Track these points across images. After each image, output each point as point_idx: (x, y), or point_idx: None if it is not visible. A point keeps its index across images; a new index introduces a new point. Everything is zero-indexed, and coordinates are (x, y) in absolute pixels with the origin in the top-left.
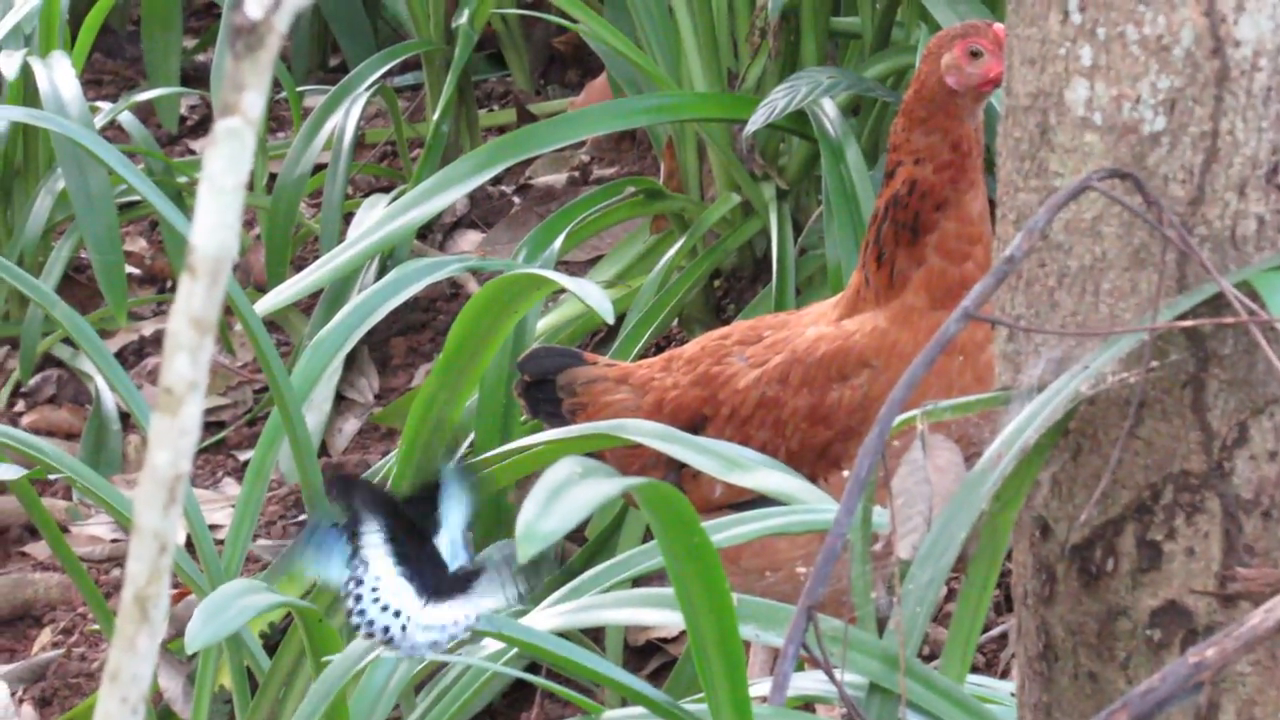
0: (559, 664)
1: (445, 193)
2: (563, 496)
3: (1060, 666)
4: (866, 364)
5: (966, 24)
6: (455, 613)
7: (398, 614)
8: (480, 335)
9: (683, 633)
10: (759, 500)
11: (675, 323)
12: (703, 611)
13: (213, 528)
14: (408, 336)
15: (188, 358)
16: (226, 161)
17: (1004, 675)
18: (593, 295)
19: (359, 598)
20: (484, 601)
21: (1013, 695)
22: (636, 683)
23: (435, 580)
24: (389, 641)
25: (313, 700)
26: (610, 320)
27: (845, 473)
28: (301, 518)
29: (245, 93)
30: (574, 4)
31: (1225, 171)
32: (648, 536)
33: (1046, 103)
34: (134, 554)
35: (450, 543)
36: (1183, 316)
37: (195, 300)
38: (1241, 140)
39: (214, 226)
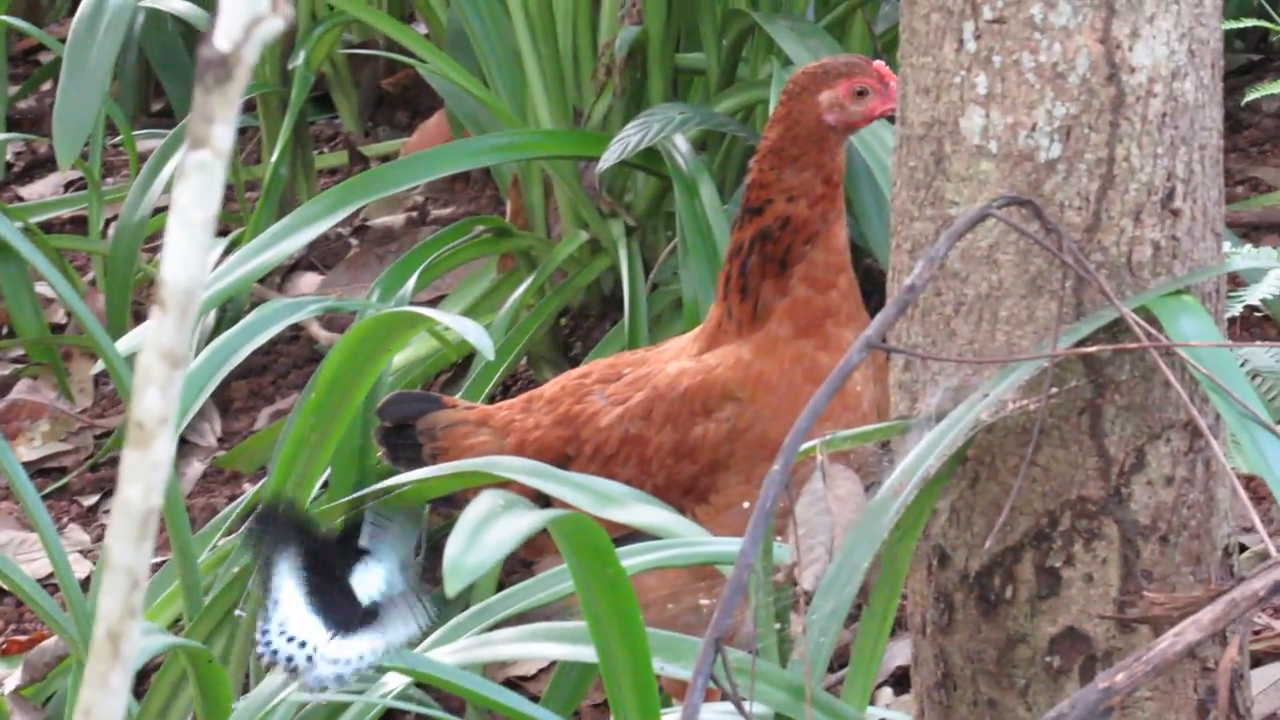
0: (470, 698)
1: (295, 235)
2: (487, 530)
3: (959, 695)
4: (731, 397)
5: (845, 61)
6: (364, 645)
7: (303, 645)
8: (352, 374)
9: (542, 670)
10: (625, 538)
11: (523, 362)
12: (616, 643)
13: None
14: (249, 380)
15: (158, 392)
16: (196, 195)
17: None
18: (472, 332)
19: (266, 630)
20: (394, 634)
21: None
22: (553, 718)
23: (344, 615)
24: (294, 671)
25: None
26: (491, 357)
27: (746, 505)
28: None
29: (214, 125)
30: (418, 42)
31: (1121, 198)
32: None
33: (942, 131)
34: (106, 589)
35: (387, 573)
36: (1081, 343)
37: (165, 334)
38: (1137, 166)
39: (184, 259)
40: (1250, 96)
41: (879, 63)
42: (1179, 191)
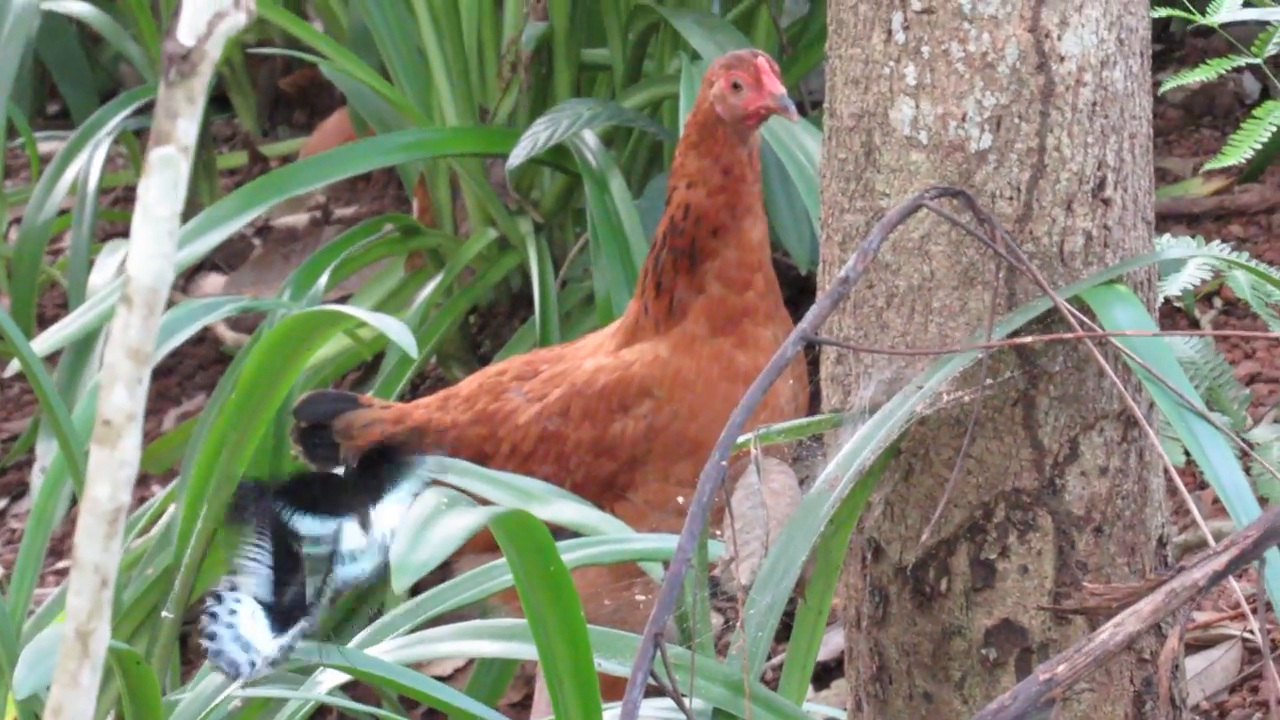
0: (413, 696)
1: (204, 236)
2: (432, 528)
3: (895, 688)
4: (648, 394)
5: (734, 55)
6: (294, 631)
7: (247, 648)
8: (272, 375)
9: (458, 670)
10: None
11: (432, 361)
12: (557, 638)
13: None
14: (155, 381)
15: (125, 390)
16: (161, 190)
17: None
18: (395, 330)
19: (215, 616)
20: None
21: None
22: (491, 714)
23: (290, 610)
24: (235, 676)
25: None
26: (415, 354)
27: (681, 500)
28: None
29: (178, 120)
30: (322, 40)
31: (1052, 188)
32: None
33: (871, 123)
34: (75, 588)
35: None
36: (1014, 334)
37: (132, 331)
38: (1068, 156)
39: (150, 255)
40: (1166, 87)
41: (761, 58)
42: (1110, 180)
